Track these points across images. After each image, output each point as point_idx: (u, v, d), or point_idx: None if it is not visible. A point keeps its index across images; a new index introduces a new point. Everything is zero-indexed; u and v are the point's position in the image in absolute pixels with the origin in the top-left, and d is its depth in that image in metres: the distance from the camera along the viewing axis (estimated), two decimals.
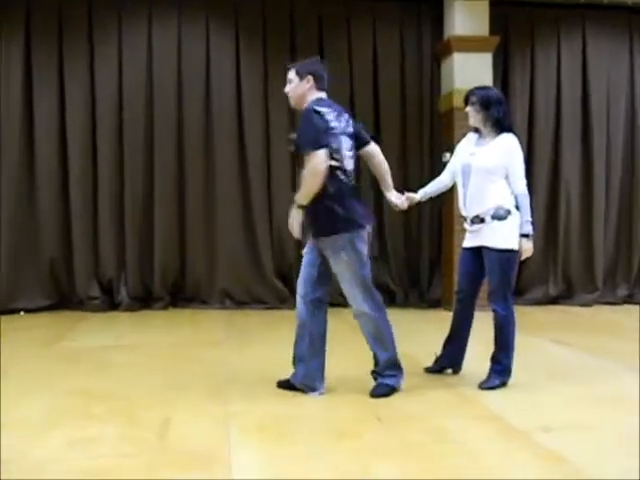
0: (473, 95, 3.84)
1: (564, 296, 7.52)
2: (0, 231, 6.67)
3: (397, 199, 3.94)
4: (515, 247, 3.67)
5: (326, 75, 3.58)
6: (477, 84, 6.77)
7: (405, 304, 7.17)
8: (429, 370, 4.12)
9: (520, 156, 3.76)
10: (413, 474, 2.49)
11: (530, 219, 3.70)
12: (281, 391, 3.65)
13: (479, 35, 6.94)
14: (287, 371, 3.69)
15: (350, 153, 3.52)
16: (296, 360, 3.64)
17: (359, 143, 3.65)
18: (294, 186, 7.15)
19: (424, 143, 7.38)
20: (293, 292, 6.93)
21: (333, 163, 3.37)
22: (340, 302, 4.55)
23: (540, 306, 7.28)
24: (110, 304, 6.85)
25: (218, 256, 7.00)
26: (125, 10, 6.90)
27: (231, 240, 7.00)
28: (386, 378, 3.59)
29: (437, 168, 7.25)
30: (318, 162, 3.28)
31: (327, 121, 3.36)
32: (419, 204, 4.51)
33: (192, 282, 7.03)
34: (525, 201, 3.71)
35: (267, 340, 5.32)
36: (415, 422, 3.14)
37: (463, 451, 2.75)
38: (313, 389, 3.57)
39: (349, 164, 3.51)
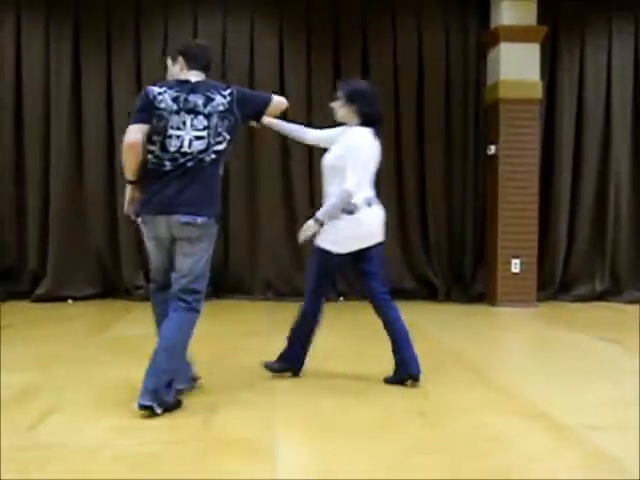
0: (339, 89, 3.76)
1: (611, 292, 7.34)
2: (49, 221, 6.87)
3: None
4: (331, 249, 3.59)
5: None
6: (524, 75, 6.79)
7: (447, 299, 7.12)
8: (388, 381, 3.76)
9: (360, 151, 3.58)
10: (458, 471, 2.47)
11: (321, 218, 3.55)
12: (325, 382, 3.68)
13: (526, 25, 6.81)
14: (329, 362, 3.71)
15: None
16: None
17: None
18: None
19: (469, 135, 7.30)
20: (334, 285, 7.01)
21: (148, 146, 3.21)
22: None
23: (586, 303, 7.14)
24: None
25: (260, 248, 7.06)
26: (172, 10, 7.01)
27: (273, 231, 7.05)
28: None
29: (482, 160, 7.20)
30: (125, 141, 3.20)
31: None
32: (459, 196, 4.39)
33: (235, 273, 7.11)
34: (337, 199, 3.53)
35: None
36: (459, 418, 3.12)
37: (509, 448, 2.72)
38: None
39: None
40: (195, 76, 3.28)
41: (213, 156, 3.21)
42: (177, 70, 3.34)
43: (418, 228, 7.27)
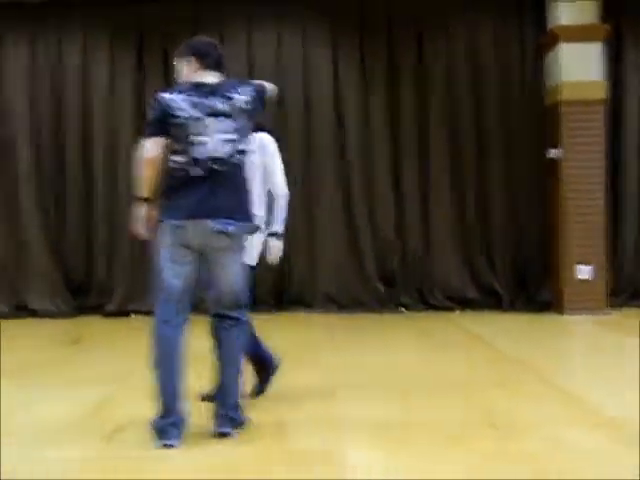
0: None
1: None
2: (117, 236, 7.07)
3: None
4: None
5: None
6: (586, 76, 6.60)
7: (512, 308, 6.95)
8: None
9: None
10: None
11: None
12: (392, 395, 3.64)
13: (587, 23, 6.63)
14: (393, 375, 3.67)
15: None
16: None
17: None
18: (396, 190, 7.17)
19: (528, 138, 7.14)
20: (396, 296, 7.00)
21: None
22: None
23: None
24: None
25: (321, 260, 7.09)
26: (227, 25, 7.16)
27: (333, 244, 7.07)
28: None
29: (542, 164, 7.03)
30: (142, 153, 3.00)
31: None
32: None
33: (296, 286, 7.15)
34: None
35: (372, 344, 5.31)
36: (531, 430, 3.03)
37: (583, 461, 2.62)
38: None
39: None
40: (212, 77, 3.08)
41: (241, 158, 3.04)
42: (190, 71, 3.12)
43: (479, 235, 7.15)
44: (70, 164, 7.21)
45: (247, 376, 3.38)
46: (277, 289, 7.14)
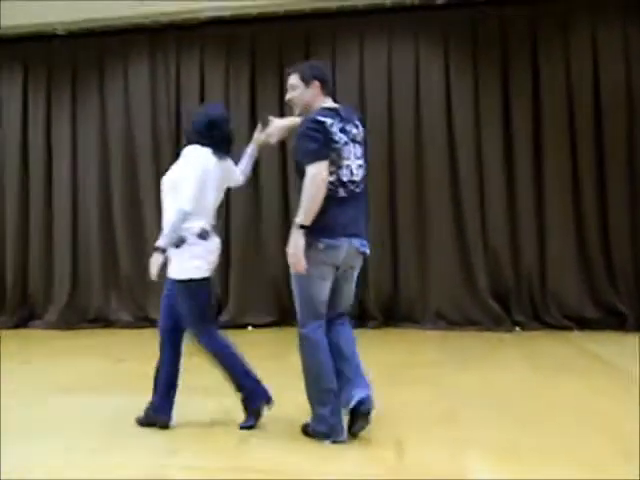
0: None
1: None
2: (230, 250, 7.33)
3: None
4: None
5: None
6: None
7: (637, 328, 6.53)
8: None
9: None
10: None
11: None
12: (516, 418, 3.52)
13: None
14: (510, 396, 3.55)
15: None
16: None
17: None
18: (509, 203, 6.96)
19: None
20: (510, 314, 6.78)
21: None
22: None
23: None
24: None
25: (431, 276, 6.99)
26: (338, 40, 7.28)
27: (444, 260, 6.95)
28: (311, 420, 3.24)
29: None
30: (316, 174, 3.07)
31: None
32: None
33: (405, 302, 7.09)
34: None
35: (488, 363, 5.16)
36: None
37: None
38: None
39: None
40: (331, 102, 3.29)
41: (366, 182, 3.33)
42: (310, 95, 3.27)
43: (599, 250, 6.78)
44: None
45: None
46: (386, 305, 7.11)
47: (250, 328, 7.14)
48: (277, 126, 3.56)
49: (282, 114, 7.36)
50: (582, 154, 6.84)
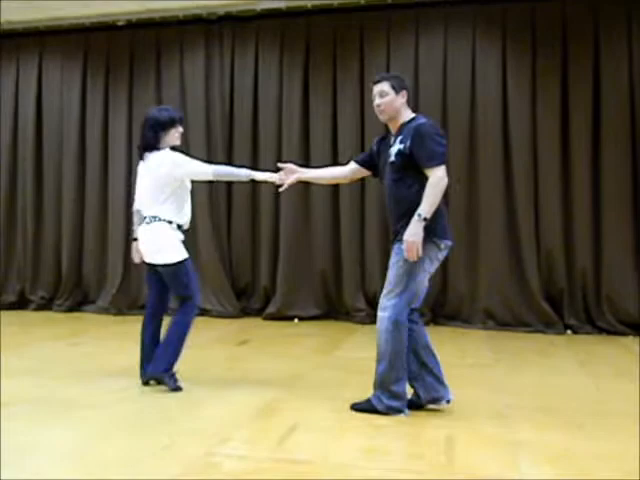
0: None
1: None
2: (279, 243, 7.36)
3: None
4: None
5: None
6: None
7: None
8: None
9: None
10: None
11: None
12: (569, 422, 3.42)
13: None
14: (562, 400, 3.45)
15: None
16: (411, 380, 3.63)
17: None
18: (564, 201, 6.76)
19: None
20: (562, 317, 6.60)
21: None
22: None
23: None
24: (374, 317, 7.06)
25: (481, 275, 6.85)
26: (393, 31, 7.20)
27: (495, 259, 6.80)
28: (374, 398, 3.53)
29: None
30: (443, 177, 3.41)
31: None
32: None
33: (454, 300, 6.98)
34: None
35: (539, 365, 5.04)
36: None
37: None
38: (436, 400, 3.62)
39: None
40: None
41: None
42: (400, 103, 3.58)
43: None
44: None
45: None
46: (434, 302, 7.02)
47: (296, 320, 7.16)
48: (294, 177, 3.98)
49: (334, 106, 7.35)
50: None
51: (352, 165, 3.93)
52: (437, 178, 3.36)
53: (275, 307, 7.23)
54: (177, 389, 3.97)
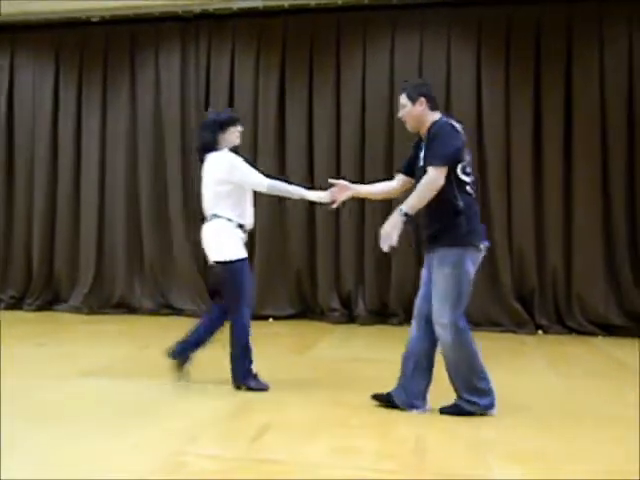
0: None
1: None
2: (255, 242, 7.33)
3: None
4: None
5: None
6: None
7: None
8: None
9: None
10: None
11: None
12: (538, 422, 3.47)
13: None
14: (532, 400, 3.52)
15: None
16: (401, 377, 3.64)
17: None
18: (536, 202, 6.84)
19: None
20: (533, 317, 6.68)
21: (465, 178, 3.47)
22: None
23: None
24: (348, 317, 7.14)
25: None
26: (369, 33, 7.22)
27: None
28: (463, 402, 3.54)
29: None
30: (438, 178, 3.38)
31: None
32: None
33: None
34: None
35: (511, 366, 5.09)
36: None
37: None
38: (412, 407, 3.58)
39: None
40: (440, 114, 3.62)
41: None
42: (418, 111, 3.58)
43: (627, 256, 6.63)
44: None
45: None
46: (408, 302, 7.02)
47: (271, 320, 7.15)
48: (347, 195, 3.92)
49: (310, 106, 7.35)
50: (613, 156, 6.73)
51: (399, 177, 3.86)
52: (431, 178, 3.37)
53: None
54: (264, 389, 3.97)
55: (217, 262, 4.05)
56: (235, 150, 4.24)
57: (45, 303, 7.78)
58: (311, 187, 7.20)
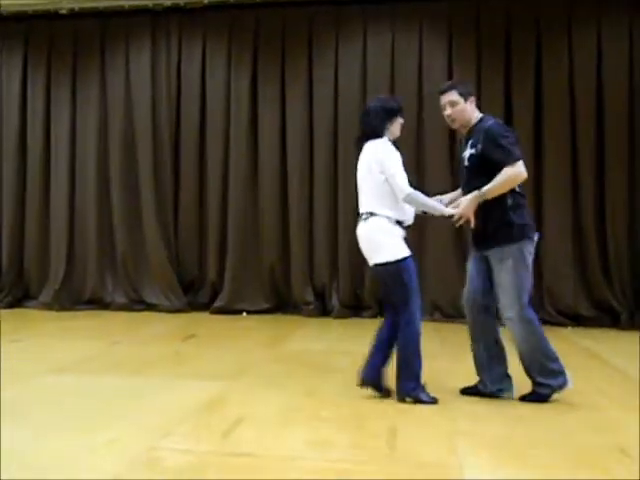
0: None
1: None
2: (227, 236, 7.32)
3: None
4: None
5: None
6: None
7: (631, 325, 6.54)
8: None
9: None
10: None
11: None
12: (509, 412, 3.53)
13: None
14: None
15: None
16: (479, 369, 3.79)
17: None
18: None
19: None
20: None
21: None
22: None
23: None
24: (322, 310, 7.16)
25: (427, 268, 6.95)
26: (342, 27, 7.23)
27: (440, 252, 6.94)
28: (538, 387, 3.68)
29: None
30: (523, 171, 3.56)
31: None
32: None
33: None
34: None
35: None
36: None
37: None
38: (500, 391, 3.75)
39: None
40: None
41: None
42: (470, 110, 3.70)
43: (595, 247, 6.77)
44: (185, 167, 7.54)
45: None
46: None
47: (244, 314, 7.14)
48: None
49: (283, 100, 7.33)
50: (582, 147, 6.85)
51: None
52: (516, 170, 3.53)
53: (223, 301, 7.20)
54: (433, 402, 3.64)
55: (377, 265, 3.70)
56: (395, 143, 3.81)
57: (15, 300, 7.67)
58: (284, 181, 7.28)
